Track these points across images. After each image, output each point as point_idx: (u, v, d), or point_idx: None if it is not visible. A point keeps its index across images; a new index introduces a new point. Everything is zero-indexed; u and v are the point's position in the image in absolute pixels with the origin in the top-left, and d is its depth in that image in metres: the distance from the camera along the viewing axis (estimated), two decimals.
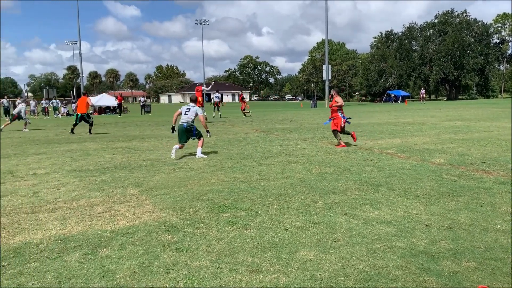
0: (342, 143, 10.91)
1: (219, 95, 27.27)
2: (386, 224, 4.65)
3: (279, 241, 4.14)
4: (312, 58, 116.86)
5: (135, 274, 3.44)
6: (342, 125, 10.76)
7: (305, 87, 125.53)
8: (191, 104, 10.01)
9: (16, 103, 38.84)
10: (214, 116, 25.74)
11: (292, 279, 3.32)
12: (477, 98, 68.57)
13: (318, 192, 6.08)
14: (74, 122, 16.97)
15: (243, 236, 4.30)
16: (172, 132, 10.25)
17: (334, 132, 11.02)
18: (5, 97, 37.72)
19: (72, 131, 16.80)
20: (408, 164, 8.16)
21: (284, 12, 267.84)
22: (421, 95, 61.66)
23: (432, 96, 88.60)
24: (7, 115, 32.78)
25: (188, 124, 9.67)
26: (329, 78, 52.66)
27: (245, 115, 27.90)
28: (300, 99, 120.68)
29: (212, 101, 27.76)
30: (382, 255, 3.78)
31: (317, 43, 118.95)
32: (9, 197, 6.16)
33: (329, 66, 53.36)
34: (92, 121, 17.09)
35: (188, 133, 9.72)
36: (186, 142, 9.87)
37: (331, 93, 11.52)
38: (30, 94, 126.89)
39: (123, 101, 39.92)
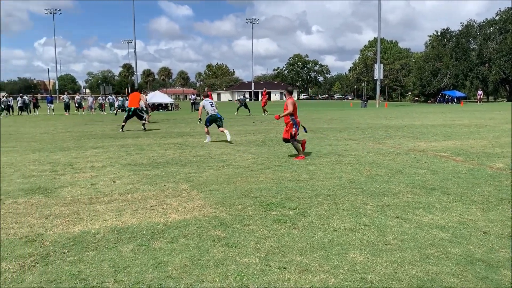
0: (301, 154, 9.15)
1: (244, 98, 32.51)
2: (440, 229, 4.48)
3: (328, 242, 4.10)
4: (364, 57, 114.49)
5: (186, 267, 3.54)
6: (293, 132, 9.13)
7: (355, 86, 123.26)
8: (209, 99, 12.91)
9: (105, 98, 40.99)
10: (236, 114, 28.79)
11: (342, 281, 3.28)
12: None
13: (368, 194, 5.96)
14: (126, 115, 16.97)
15: (292, 235, 4.30)
16: (200, 121, 13.20)
17: (285, 140, 9.45)
18: (66, 93, 39.87)
19: (122, 128, 16.74)
20: (464, 168, 7.81)
21: (334, 10, 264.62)
22: (478, 96, 58.62)
23: (491, 98, 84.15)
24: (67, 110, 34.66)
25: (218, 113, 12.80)
26: (381, 77, 51.42)
27: (264, 112, 28.81)
28: (349, 98, 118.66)
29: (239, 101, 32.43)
30: (436, 261, 3.66)
31: (368, 41, 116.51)
32: (69, 188, 6.51)
33: (381, 65, 52.06)
34: (145, 118, 17.33)
35: (218, 120, 12.63)
36: (210, 126, 12.80)
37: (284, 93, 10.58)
38: (87, 91, 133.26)
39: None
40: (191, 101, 41.56)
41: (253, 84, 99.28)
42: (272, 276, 3.37)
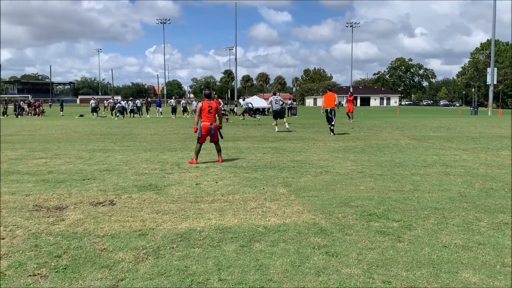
0: (195, 159, 9.43)
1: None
2: None
3: (437, 259, 3.83)
4: (474, 60, 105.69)
5: (287, 272, 3.55)
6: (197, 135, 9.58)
7: (464, 92, 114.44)
8: (277, 97, 19.19)
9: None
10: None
11: None
12: None
13: (482, 210, 5.46)
14: (326, 117, 16.58)
15: (396, 248, 4.09)
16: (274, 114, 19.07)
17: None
18: (173, 97, 42.72)
19: (332, 131, 16.44)
20: None
21: (441, 11, 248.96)
22: None
23: None
24: (174, 113, 37.06)
25: (281, 109, 18.99)
26: (494, 82, 47.07)
27: (349, 117, 26.98)
28: (457, 104, 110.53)
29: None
30: None
31: (480, 43, 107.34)
32: (177, 186, 6.93)
33: (495, 69, 47.65)
34: (334, 123, 16.64)
35: (281, 114, 18.95)
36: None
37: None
38: (192, 95, 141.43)
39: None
40: (288, 106, 41.86)
41: (351, 88, 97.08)
42: None
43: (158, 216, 5.18)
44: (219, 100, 26.35)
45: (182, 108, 40.58)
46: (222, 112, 37.51)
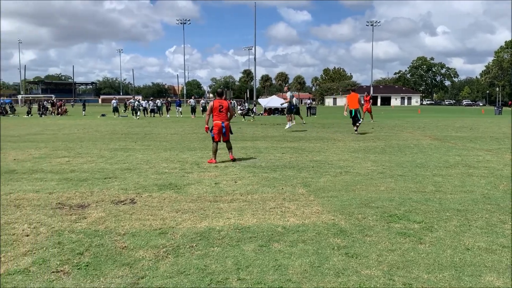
0: (213, 158, 9.55)
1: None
2: None
3: (459, 261, 3.76)
4: (499, 59, 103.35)
5: (306, 273, 3.53)
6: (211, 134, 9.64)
7: (488, 91, 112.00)
8: (292, 93, 19.89)
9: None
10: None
11: None
12: None
13: (506, 212, 5.33)
14: (351, 116, 16.67)
15: (417, 250, 4.03)
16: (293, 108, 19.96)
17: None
18: (192, 97, 43.03)
19: (356, 128, 16.68)
20: None
21: (464, 9, 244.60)
22: None
23: None
24: (193, 113, 37.33)
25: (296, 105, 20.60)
26: None
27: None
28: (481, 104, 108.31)
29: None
30: None
31: (505, 42, 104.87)
32: (196, 185, 6.98)
33: None
34: (361, 122, 16.75)
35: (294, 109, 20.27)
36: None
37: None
38: (211, 95, 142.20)
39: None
40: (307, 106, 41.70)
41: (371, 88, 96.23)
42: None
43: (178, 215, 5.23)
44: (229, 100, 26.85)
45: (201, 108, 40.82)
46: (241, 111, 37.88)
